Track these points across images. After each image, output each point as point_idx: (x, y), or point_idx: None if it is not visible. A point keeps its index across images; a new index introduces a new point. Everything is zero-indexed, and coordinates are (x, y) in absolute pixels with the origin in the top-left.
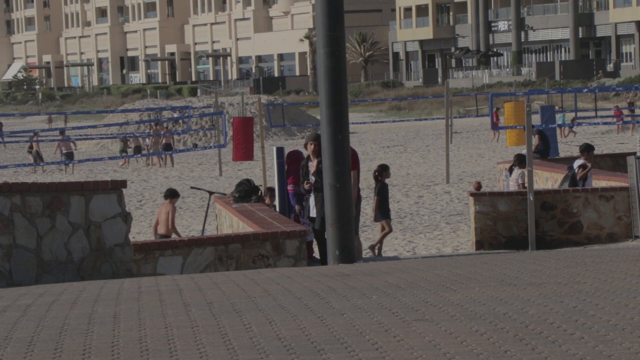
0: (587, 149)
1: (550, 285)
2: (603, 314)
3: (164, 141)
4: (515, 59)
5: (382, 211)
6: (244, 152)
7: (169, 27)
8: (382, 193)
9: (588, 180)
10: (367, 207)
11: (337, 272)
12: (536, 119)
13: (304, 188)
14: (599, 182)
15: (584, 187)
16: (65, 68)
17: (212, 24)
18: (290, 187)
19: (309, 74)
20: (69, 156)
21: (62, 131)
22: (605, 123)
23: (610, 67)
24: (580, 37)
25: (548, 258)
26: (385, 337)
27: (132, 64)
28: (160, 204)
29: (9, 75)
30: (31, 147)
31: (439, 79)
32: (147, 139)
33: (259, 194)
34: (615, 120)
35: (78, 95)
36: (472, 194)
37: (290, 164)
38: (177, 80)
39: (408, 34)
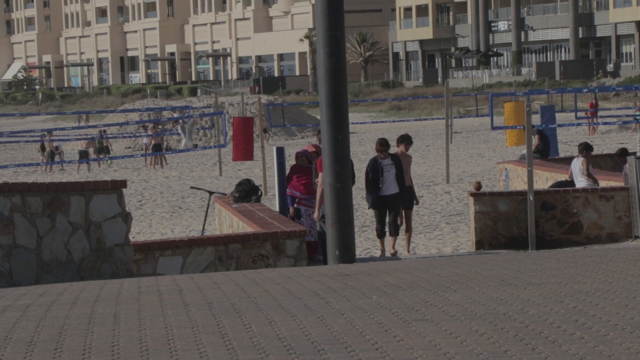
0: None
1: (550, 285)
2: (603, 314)
3: (152, 142)
4: (515, 59)
5: None
6: (244, 152)
7: (169, 27)
8: None
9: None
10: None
11: (337, 272)
12: (536, 119)
13: None
14: (599, 182)
15: (584, 187)
16: (65, 68)
17: (212, 24)
18: (288, 190)
19: (309, 74)
20: (83, 155)
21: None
22: (605, 123)
23: (610, 67)
24: (580, 37)
25: (548, 258)
26: (385, 337)
27: (132, 64)
28: (160, 204)
29: (9, 75)
30: (43, 146)
31: (439, 79)
32: (144, 139)
33: (259, 194)
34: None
35: (78, 95)
36: (472, 194)
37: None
38: (177, 80)
39: (408, 34)
